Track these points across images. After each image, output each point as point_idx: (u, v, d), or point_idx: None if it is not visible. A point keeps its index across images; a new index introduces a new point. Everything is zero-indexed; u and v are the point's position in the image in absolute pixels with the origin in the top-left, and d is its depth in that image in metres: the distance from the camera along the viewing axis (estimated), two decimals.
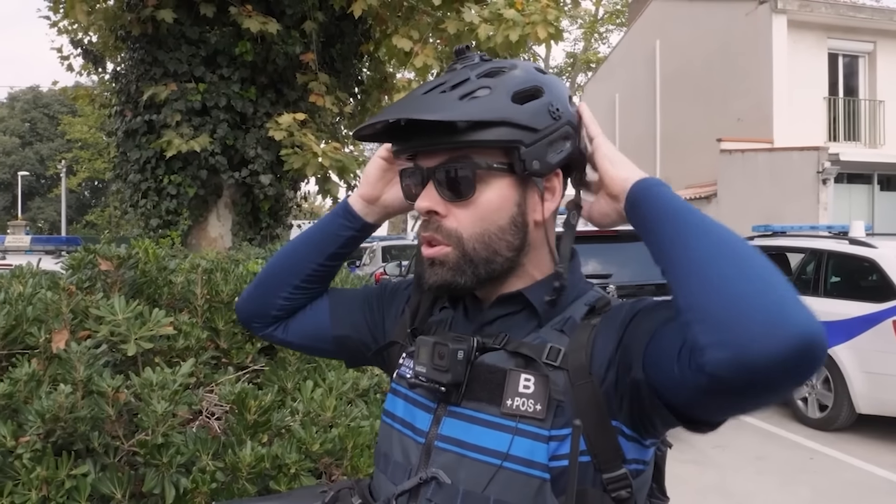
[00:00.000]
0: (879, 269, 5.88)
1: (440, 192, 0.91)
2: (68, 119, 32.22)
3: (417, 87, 0.94)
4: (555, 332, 0.90)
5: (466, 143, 0.88)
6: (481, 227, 0.91)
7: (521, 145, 0.88)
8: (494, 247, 0.91)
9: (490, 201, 0.90)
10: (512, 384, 0.87)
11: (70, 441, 1.74)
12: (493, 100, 0.87)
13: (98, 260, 2.33)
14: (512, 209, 0.91)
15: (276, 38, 5.80)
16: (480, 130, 0.86)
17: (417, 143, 0.93)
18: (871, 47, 15.32)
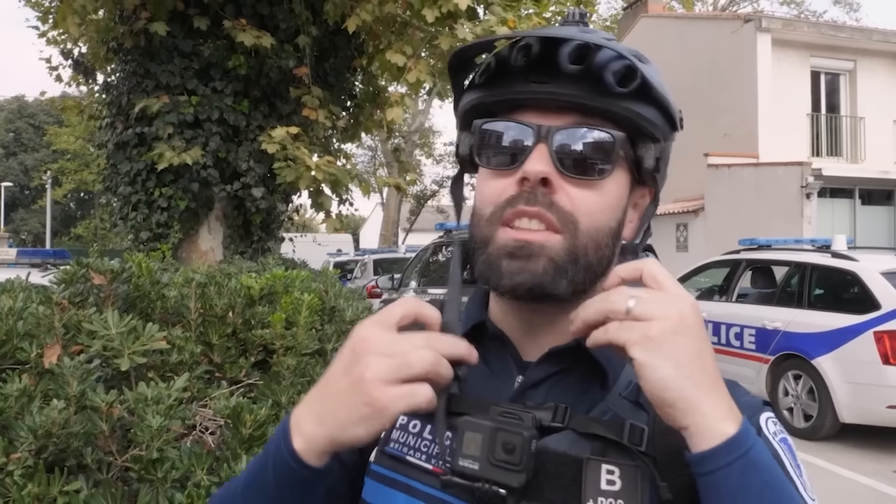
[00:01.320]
0: (861, 282, 6.00)
1: (559, 163, 0.67)
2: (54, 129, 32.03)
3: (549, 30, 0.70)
4: (626, 402, 0.68)
5: (624, 112, 0.67)
6: (599, 221, 0.69)
7: (663, 138, 0.72)
8: (603, 252, 0.70)
9: (615, 192, 0.70)
10: (592, 479, 0.64)
11: (62, 457, 1.74)
12: (654, 73, 0.69)
13: (91, 274, 2.33)
14: (620, 214, 0.72)
15: (269, 51, 5.82)
16: (639, 102, 0.68)
17: (549, 92, 0.68)
18: (851, 65, 15.64)
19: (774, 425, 0.69)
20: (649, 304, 0.59)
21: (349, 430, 0.61)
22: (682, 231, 15.56)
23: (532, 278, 0.66)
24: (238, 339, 2.56)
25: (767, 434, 0.67)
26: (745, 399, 0.70)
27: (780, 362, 6.51)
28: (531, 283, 0.66)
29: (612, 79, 0.66)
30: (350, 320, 2.99)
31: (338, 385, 0.62)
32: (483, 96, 0.72)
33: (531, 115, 0.69)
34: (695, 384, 0.57)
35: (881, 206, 14.38)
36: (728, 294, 7.53)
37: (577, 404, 0.68)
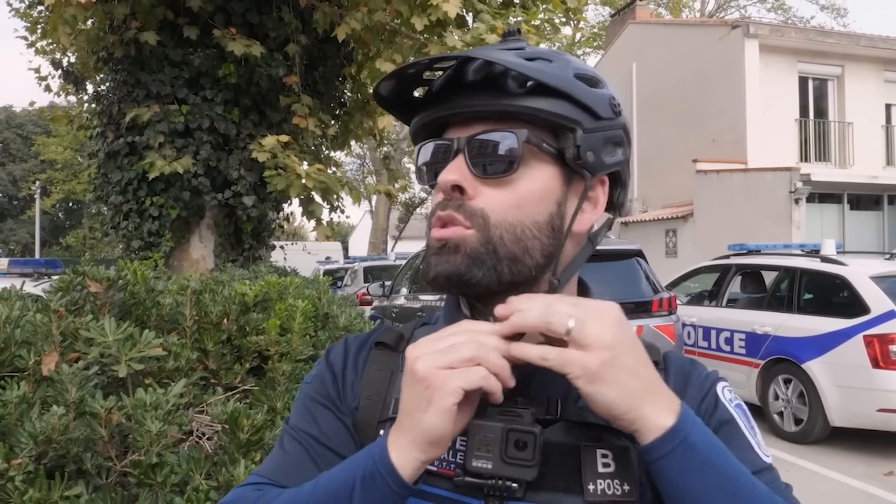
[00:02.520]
0: (850, 286, 6.04)
1: (471, 167, 0.74)
2: (42, 139, 31.91)
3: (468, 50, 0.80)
4: None
5: (519, 110, 0.72)
6: (514, 216, 0.73)
7: (580, 127, 0.73)
8: (526, 243, 0.73)
9: (532, 187, 0.74)
10: (589, 464, 0.70)
11: (62, 463, 1.75)
12: (557, 69, 0.73)
13: (87, 282, 2.35)
14: (552, 206, 0.75)
15: (259, 60, 5.85)
16: (539, 97, 0.72)
17: (454, 105, 0.75)
18: (839, 71, 15.78)
19: (730, 392, 0.79)
20: (587, 328, 0.64)
21: (425, 423, 0.64)
22: (672, 237, 15.65)
23: (450, 268, 0.72)
24: (233, 345, 2.58)
25: (724, 401, 0.77)
26: (701, 375, 0.80)
27: (770, 366, 6.55)
28: (449, 273, 0.72)
29: (509, 83, 0.72)
30: (343, 326, 3.00)
31: (406, 397, 0.67)
32: (417, 120, 0.80)
33: (453, 131, 0.77)
34: (636, 397, 0.64)
35: (870, 210, 14.48)
36: (718, 299, 7.58)
37: (566, 394, 0.72)
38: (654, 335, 5.59)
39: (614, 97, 0.77)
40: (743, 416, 0.77)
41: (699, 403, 0.76)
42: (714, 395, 0.77)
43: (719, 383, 0.79)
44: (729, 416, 0.75)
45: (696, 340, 7.42)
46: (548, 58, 0.75)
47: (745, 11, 29.25)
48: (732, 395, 0.80)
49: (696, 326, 7.43)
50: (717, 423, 0.75)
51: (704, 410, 0.76)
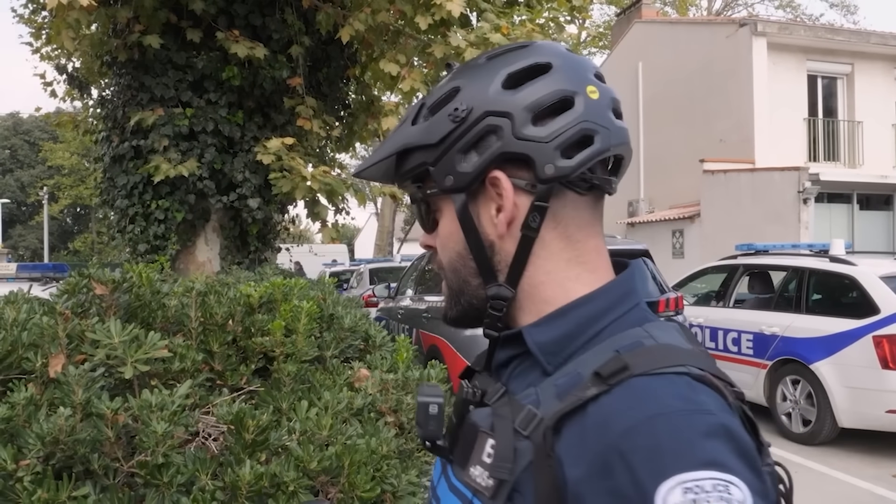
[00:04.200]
0: (859, 286, 6.00)
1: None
2: (49, 145, 32.09)
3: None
4: (553, 390, 0.69)
5: (402, 182, 0.84)
6: (446, 257, 0.82)
7: (429, 165, 0.78)
8: (461, 274, 0.81)
9: (444, 229, 0.82)
10: (479, 449, 0.71)
11: (70, 463, 1.76)
12: (402, 127, 0.81)
13: (93, 284, 2.35)
14: (459, 236, 0.79)
15: (262, 62, 5.86)
16: (401, 163, 0.81)
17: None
18: (849, 69, 15.67)
19: (685, 495, 0.55)
20: None
21: None
22: (679, 237, 15.59)
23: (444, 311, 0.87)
24: (238, 346, 2.58)
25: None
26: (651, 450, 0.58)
27: (777, 367, 6.51)
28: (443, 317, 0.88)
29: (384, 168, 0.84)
30: (349, 327, 3.00)
31: None
32: None
33: None
34: None
35: (879, 210, 14.36)
36: (725, 299, 7.54)
37: (519, 385, 0.75)
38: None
39: (460, 103, 0.76)
40: None
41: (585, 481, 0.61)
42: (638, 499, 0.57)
43: (672, 482, 0.56)
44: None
45: (703, 341, 7.39)
46: (407, 117, 0.82)
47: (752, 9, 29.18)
48: (692, 497, 0.55)
49: (703, 327, 7.40)
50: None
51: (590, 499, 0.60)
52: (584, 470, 0.61)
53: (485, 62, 0.79)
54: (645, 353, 0.66)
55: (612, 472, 0.59)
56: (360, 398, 2.50)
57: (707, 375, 0.65)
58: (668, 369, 0.64)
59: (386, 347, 3.17)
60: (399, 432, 2.48)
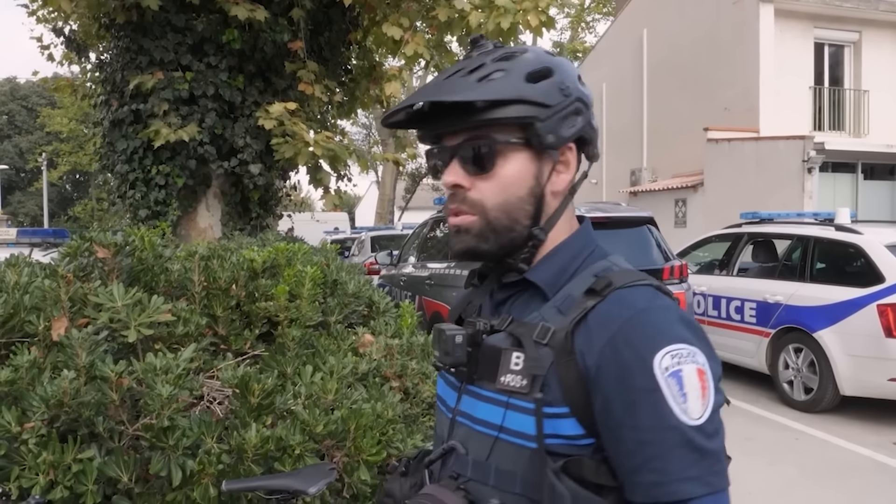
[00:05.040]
0: (865, 255, 5.97)
1: (464, 167, 0.97)
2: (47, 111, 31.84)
3: (439, 74, 1.01)
4: (553, 309, 0.93)
5: (486, 122, 0.93)
6: (502, 198, 0.96)
7: (537, 120, 0.93)
8: (515, 215, 0.97)
9: (509, 173, 0.96)
10: (505, 362, 0.92)
11: (74, 426, 1.75)
12: (509, 80, 0.93)
13: (95, 247, 2.32)
14: (530, 181, 0.97)
15: (263, 25, 5.74)
16: (498, 109, 0.92)
17: (442, 126, 0.98)
18: (856, 37, 15.44)
19: (672, 359, 0.84)
20: None
21: None
22: (681, 206, 15.52)
23: (466, 245, 0.98)
24: (242, 311, 2.56)
25: (656, 371, 0.83)
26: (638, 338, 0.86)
27: (780, 335, 6.51)
28: (465, 248, 0.98)
29: (481, 104, 0.93)
30: (352, 293, 2.98)
31: None
32: (418, 133, 1.05)
33: (447, 138, 0.99)
34: None
35: (884, 180, 14.21)
36: (729, 268, 7.51)
37: (522, 313, 0.97)
38: None
39: (564, 81, 0.96)
40: (675, 385, 0.83)
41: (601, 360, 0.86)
42: (650, 366, 0.83)
43: (659, 352, 0.84)
44: (654, 385, 0.83)
45: (706, 309, 7.38)
46: (502, 68, 0.94)
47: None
48: (675, 360, 0.84)
49: (706, 295, 7.39)
50: (619, 387, 0.84)
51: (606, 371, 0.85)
52: (598, 356, 0.86)
53: (556, 57, 0.99)
54: (619, 274, 0.93)
55: (619, 351, 0.85)
56: (365, 363, 2.49)
57: (662, 286, 0.93)
58: (637, 282, 0.91)
59: (389, 313, 3.16)
60: (404, 397, 2.48)
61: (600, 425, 0.86)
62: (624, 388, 0.84)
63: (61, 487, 1.61)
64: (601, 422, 0.86)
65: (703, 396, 0.84)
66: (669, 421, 0.82)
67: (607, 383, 0.85)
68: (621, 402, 0.84)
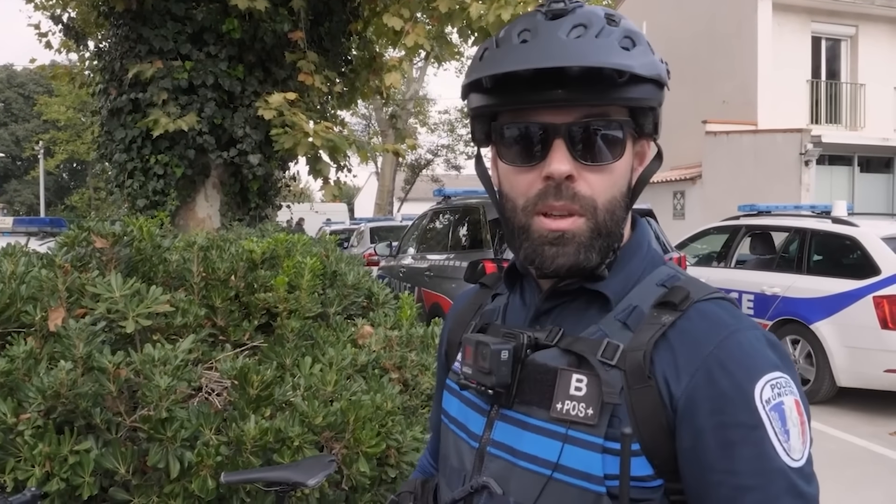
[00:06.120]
0: (861, 247, 6.00)
1: (573, 153, 0.78)
2: (44, 99, 31.70)
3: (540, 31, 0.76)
4: (617, 324, 0.79)
5: (623, 102, 0.77)
6: (611, 194, 0.80)
7: (658, 105, 0.82)
8: (618, 216, 0.81)
9: (622, 166, 0.81)
10: (563, 386, 0.77)
11: (71, 418, 1.74)
12: (645, 53, 0.77)
13: (93, 237, 2.31)
14: (629, 175, 0.83)
15: (263, 15, 5.71)
16: (638, 86, 0.76)
17: (556, 97, 0.76)
18: (853, 31, 15.46)
19: (772, 389, 0.72)
20: None
21: None
22: (679, 199, 15.53)
23: (571, 260, 0.79)
24: (241, 302, 2.55)
25: (758, 404, 0.71)
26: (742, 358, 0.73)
27: (778, 327, 6.53)
28: (569, 265, 0.79)
29: (609, 75, 0.74)
30: (352, 284, 2.97)
31: None
32: (498, 103, 0.80)
33: (545, 115, 0.78)
34: None
35: (880, 173, 14.32)
36: (727, 260, 7.53)
37: (576, 326, 0.81)
38: None
39: (661, 60, 0.82)
40: (778, 420, 0.71)
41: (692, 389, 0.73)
42: (750, 395, 0.71)
43: (762, 379, 0.72)
44: (757, 421, 0.71)
45: None
46: (634, 40, 0.77)
47: None
48: (775, 391, 0.72)
49: None
50: (715, 422, 0.71)
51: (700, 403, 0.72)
52: (688, 382, 0.73)
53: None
54: (690, 284, 0.80)
55: (714, 379, 0.72)
56: (365, 355, 2.48)
57: (733, 300, 0.81)
58: (713, 296, 0.79)
59: (389, 305, 3.15)
60: (403, 389, 2.48)
61: (684, 466, 0.73)
62: (721, 424, 0.71)
63: (57, 479, 1.60)
64: (687, 461, 0.72)
65: (803, 433, 0.74)
66: (775, 463, 0.70)
67: (700, 417, 0.71)
68: (717, 440, 0.71)
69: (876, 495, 4.37)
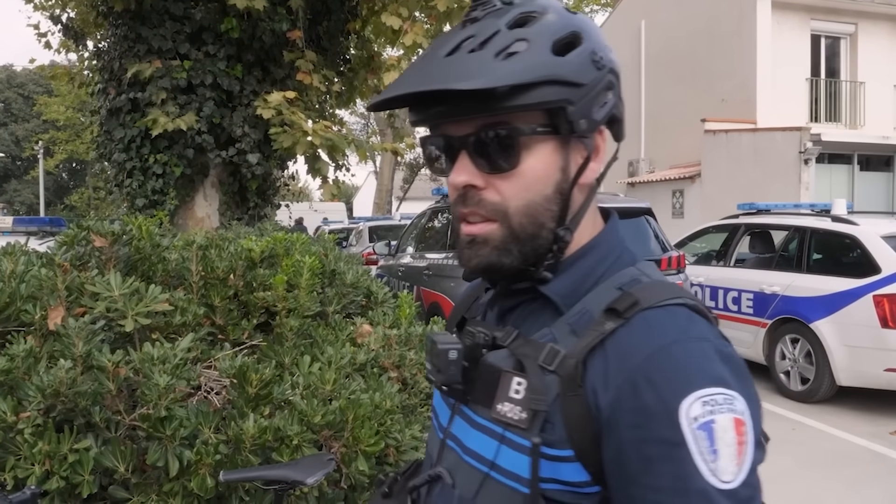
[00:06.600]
0: (861, 246, 5.99)
1: (476, 164, 0.79)
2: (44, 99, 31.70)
3: (435, 46, 0.78)
4: (567, 328, 0.78)
5: (508, 109, 0.75)
6: (526, 199, 0.79)
7: (569, 104, 0.76)
8: (540, 219, 0.80)
9: (534, 169, 0.79)
10: (504, 387, 0.79)
11: (71, 416, 1.74)
12: (534, 54, 0.75)
13: (92, 236, 2.31)
14: (556, 175, 0.80)
15: (262, 14, 5.71)
16: (524, 93, 0.74)
17: (445, 113, 0.78)
18: (852, 29, 15.45)
19: (703, 406, 0.68)
20: None
21: None
22: (678, 197, 15.53)
23: (485, 261, 0.81)
24: (240, 301, 2.55)
25: (682, 420, 0.67)
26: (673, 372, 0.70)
27: (777, 326, 6.53)
28: (485, 264, 0.81)
29: (503, 90, 0.73)
30: (351, 283, 2.98)
31: None
32: (413, 120, 0.84)
33: (450, 128, 0.80)
34: None
35: (880, 171, 14.30)
36: (726, 259, 7.52)
37: (531, 328, 0.82)
38: None
39: (595, 50, 0.79)
40: (705, 440, 0.67)
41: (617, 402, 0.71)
42: (675, 413, 0.68)
43: (689, 397, 0.68)
44: (679, 439, 0.67)
45: (703, 300, 7.37)
46: (524, 37, 0.75)
47: None
48: (706, 408, 0.68)
49: (703, 286, 7.41)
50: (636, 437, 0.69)
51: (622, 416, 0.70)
52: (614, 394, 0.71)
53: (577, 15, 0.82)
54: (648, 289, 0.77)
55: (639, 392, 0.70)
56: (363, 353, 2.49)
57: (698, 306, 0.78)
58: (670, 301, 0.75)
59: (388, 304, 3.16)
60: (402, 387, 2.48)
61: (610, 477, 0.72)
62: (641, 438, 0.69)
63: (57, 478, 1.60)
64: (611, 473, 0.72)
65: (739, 454, 0.68)
66: (695, 483, 0.66)
67: (622, 430, 0.70)
68: (637, 455, 0.69)
69: (876, 495, 4.37)
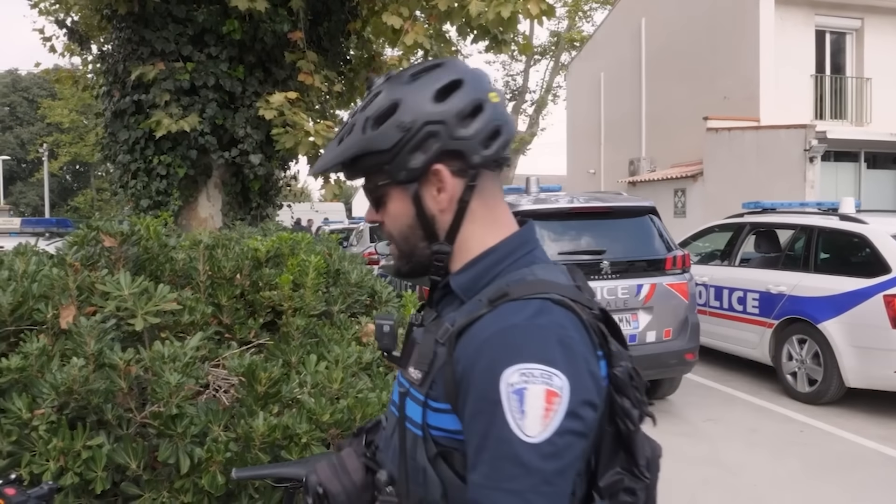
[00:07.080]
0: (871, 245, 5.89)
1: (373, 207, 1.10)
2: (48, 102, 31.81)
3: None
4: (465, 313, 0.98)
5: (359, 175, 1.07)
6: (397, 228, 1.06)
7: (384, 165, 1.01)
8: (411, 241, 1.06)
9: (393, 209, 1.05)
10: (414, 355, 1.02)
11: (83, 413, 1.76)
12: (354, 136, 1.02)
13: (101, 237, 2.33)
14: (410, 209, 1.03)
15: (263, 16, 5.74)
16: (356, 164, 1.03)
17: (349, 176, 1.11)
18: (858, 24, 15.32)
19: (521, 377, 0.86)
20: None
21: None
22: (681, 196, 15.48)
23: (394, 268, 1.12)
24: (246, 300, 2.57)
25: (501, 385, 0.86)
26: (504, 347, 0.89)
27: (784, 326, 6.45)
28: (394, 270, 1.12)
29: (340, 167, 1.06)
30: (355, 283, 2.99)
31: None
32: None
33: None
34: None
35: (887, 169, 14.06)
36: (731, 258, 7.46)
37: (447, 312, 1.02)
38: (666, 294, 5.56)
39: (401, 117, 0.99)
40: (516, 401, 0.85)
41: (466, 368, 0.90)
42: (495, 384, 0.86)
43: (508, 369, 0.86)
44: (495, 398, 0.86)
45: (707, 300, 7.36)
46: (355, 122, 1.03)
47: None
48: (522, 377, 0.86)
49: (707, 286, 7.37)
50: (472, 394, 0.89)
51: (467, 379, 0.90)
52: (464, 363, 0.91)
53: (411, 80, 1.01)
54: (522, 285, 0.95)
55: (479, 361, 0.89)
56: (369, 352, 2.50)
57: (565, 300, 0.93)
58: (534, 296, 0.92)
59: (392, 303, 3.16)
60: None
61: (462, 426, 0.92)
62: (475, 396, 0.88)
63: (71, 474, 1.62)
64: (462, 422, 0.91)
65: (546, 417, 0.85)
66: (502, 433, 0.85)
67: (466, 390, 0.90)
68: (471, 408, 0.89)
69: (886, 498, 4.29)
